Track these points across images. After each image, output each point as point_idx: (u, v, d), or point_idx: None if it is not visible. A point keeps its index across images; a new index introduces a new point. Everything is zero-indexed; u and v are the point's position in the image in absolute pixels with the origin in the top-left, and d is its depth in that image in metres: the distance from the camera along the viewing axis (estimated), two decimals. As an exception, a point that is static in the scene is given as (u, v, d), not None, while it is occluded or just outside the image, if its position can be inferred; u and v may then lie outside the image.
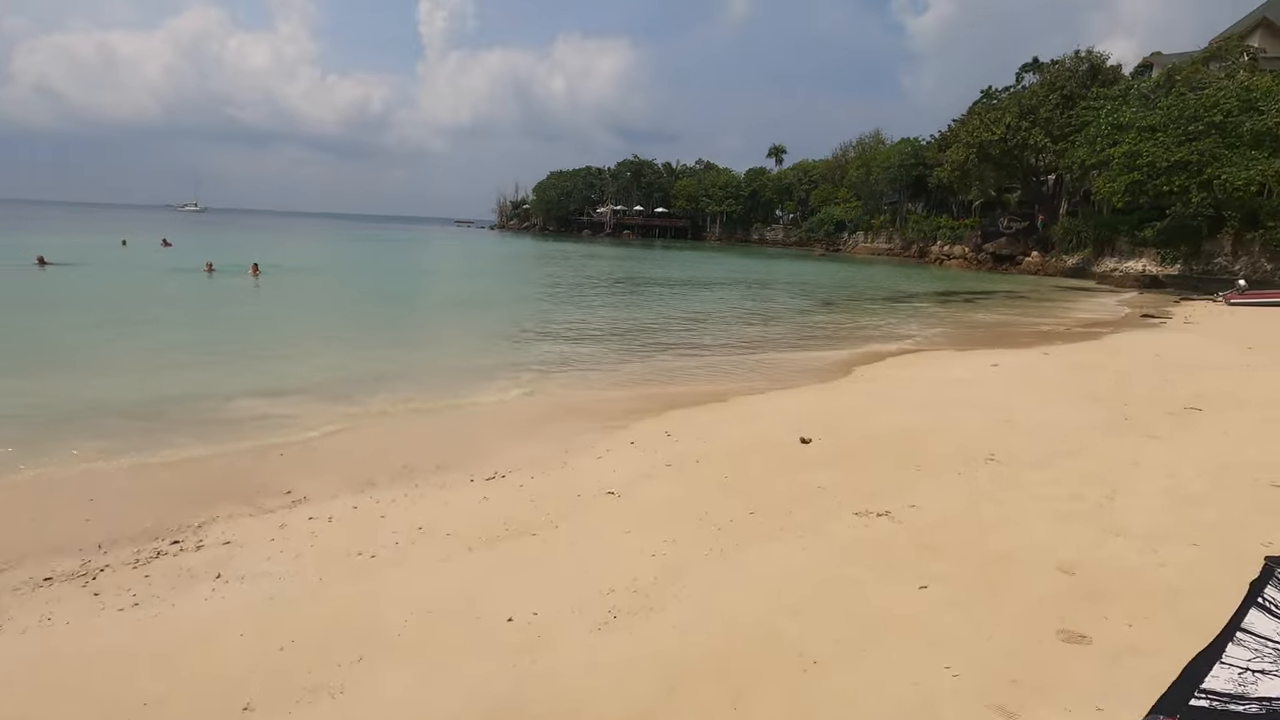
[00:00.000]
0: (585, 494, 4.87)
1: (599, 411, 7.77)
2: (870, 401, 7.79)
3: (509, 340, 13.08)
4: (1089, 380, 8.84)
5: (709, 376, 10.30)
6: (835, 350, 13.20)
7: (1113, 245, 40.75)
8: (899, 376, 9.78)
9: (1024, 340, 14.44)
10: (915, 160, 61.74)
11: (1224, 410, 6.92)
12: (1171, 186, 30.78)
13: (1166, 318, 18.53)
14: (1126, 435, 5.97)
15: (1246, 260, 33.09)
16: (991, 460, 5.28)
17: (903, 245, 63.95)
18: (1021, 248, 49.27)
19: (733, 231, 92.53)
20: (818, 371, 10.66)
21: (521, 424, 7.28)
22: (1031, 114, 44.52)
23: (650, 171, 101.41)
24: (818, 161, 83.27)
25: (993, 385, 8.66)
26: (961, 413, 7.05)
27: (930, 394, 8.16)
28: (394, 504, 4.79)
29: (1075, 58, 45.95)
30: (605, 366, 10.81)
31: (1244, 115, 29.23)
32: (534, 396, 8.63)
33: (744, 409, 7.66)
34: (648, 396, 8.74)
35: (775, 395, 8.48)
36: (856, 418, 6.98)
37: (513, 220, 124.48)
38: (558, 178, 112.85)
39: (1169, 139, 30.93)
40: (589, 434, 6.71)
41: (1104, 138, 37.21)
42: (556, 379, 9.74)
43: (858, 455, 5.57)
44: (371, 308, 18.19)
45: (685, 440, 6.26)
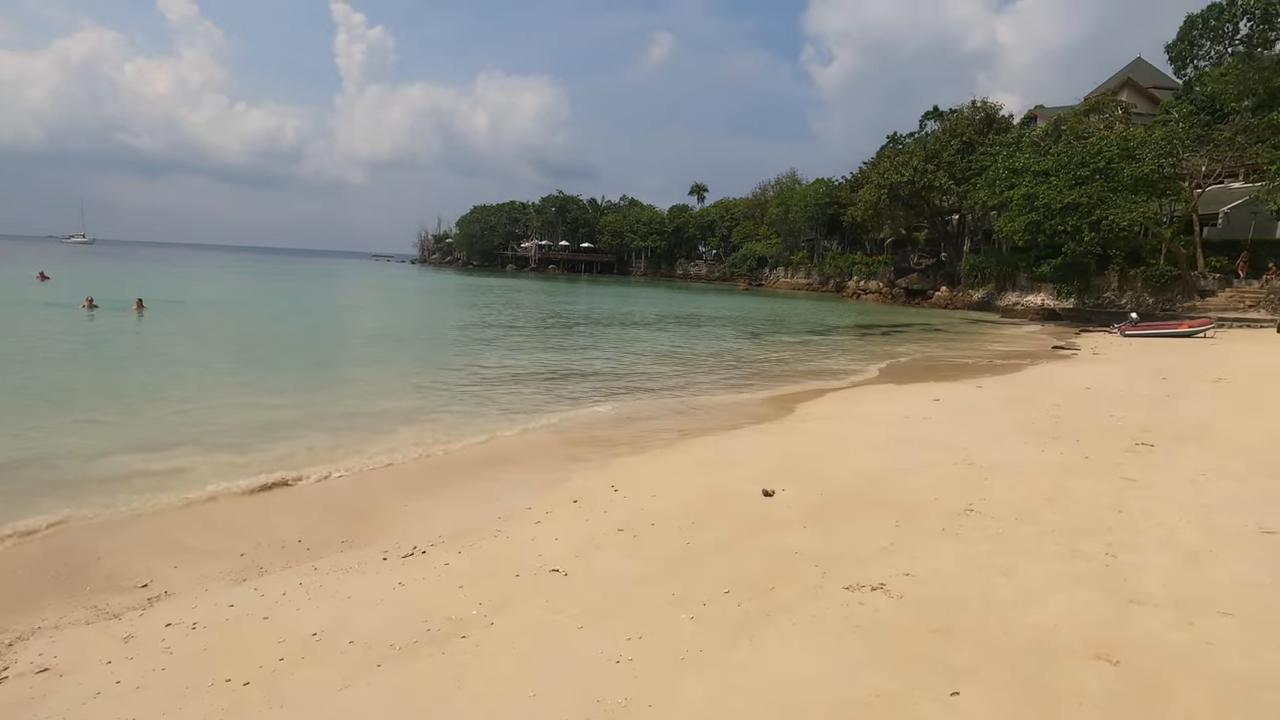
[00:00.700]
0: (525, 572, 4.07)
1: (535, 462, 6.96)
2: (824, 444, 7.35)
3: (428, 383, 12.04)
4: (1030, 414, 8.77)
5: (652, 419, 9.66)
6: (776, 387, 12.88)
7: (1014, 280, 43.45)
8: (846, 414, 9.45)
9: (955, 373, 14.63)
10: (830, 200, 64.51)
11: (1172, 444, 6.86)
12: (1065, 226, 33.05)
13: (1075, 349, 19.42)
14: (1094, 477, 5.71)
15: (1131, 295, 35.84)
16: (971, 511, 4.84)
17: (821, 280, 66.31)
18: (932, 283, 51.96)
19: (658, 267, 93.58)
20: (762, 411, 10.23)
21: (445, 481, 6.37)
22: (936, 158, 47.36)
23: (575, 207, 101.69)
24: (738, 200, 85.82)
25: (941, 422, 8.43)
26: (920, 454, 6.68)
27: (883, 433, 7.81)
28: (283, 599, 3.83)
29: (972, 107, 49.41)
30: (538, 410, 10.00)
31: (1124, 162, 31.87)
32: (459, 447, 7.72)
33: (694, 455, 7.05)
34: (588, 443, 8.00)
35: (724, 438, 7.92)
36: (815, 463, 6.49)
37: (434, 254, 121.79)
38: (481, 212, 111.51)
39: (1061, 183, 33.32)
40: (525, 490, 5.90)
41: (1002, 181, 39.85)
42: (484, 426, 8.85)
43: (828, 509, 5.02)
44: (271, 348, 16.62)
45: (635, 496, 5.55)
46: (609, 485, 5.89)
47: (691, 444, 7.69)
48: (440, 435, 8.25)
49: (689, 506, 5.23)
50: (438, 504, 5.64)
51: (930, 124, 52.98)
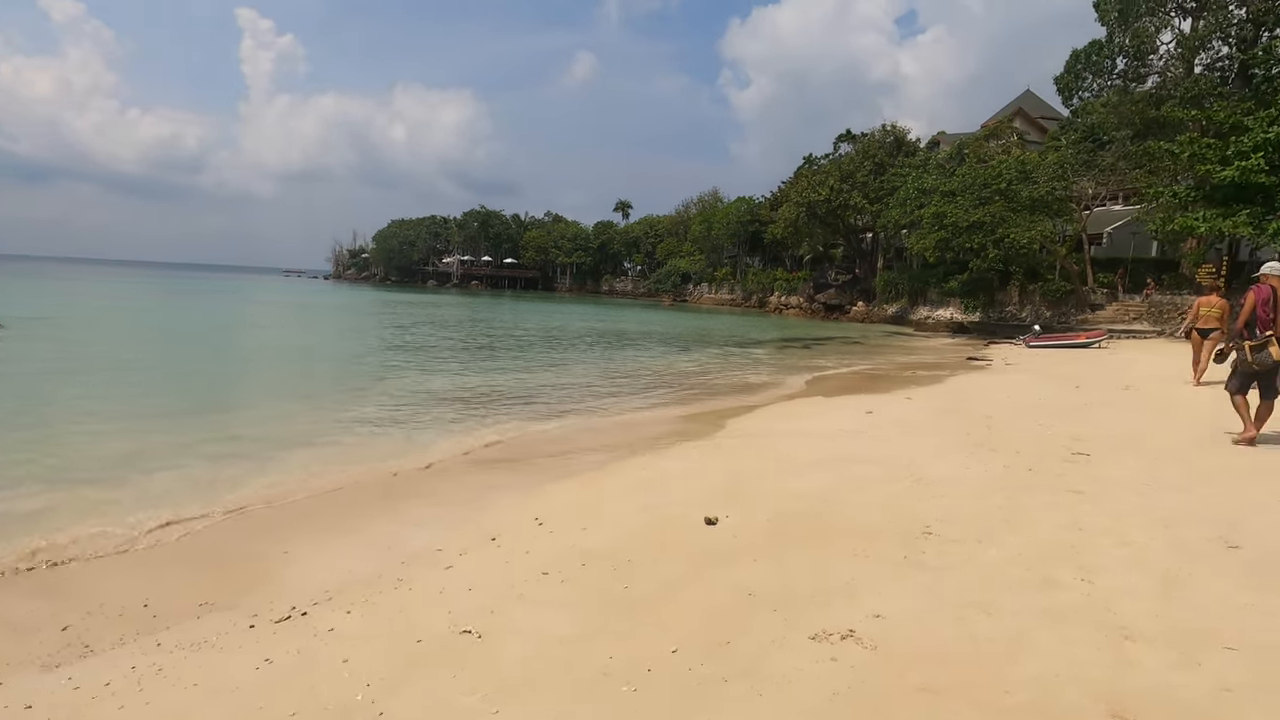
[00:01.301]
0: (431, 636, 3.34)
1: (448, 493, 6.17)
2: (763, 462, 6.91)
3: (331, 405, 10.93)
4: (964, 425, 8.68)
5: (580, 440, 9.00)
6: (706, 402, 12.49)
7: (925, 295, 45.50)
8: (781, 430, 9.10)
9: (881, 385, 14.71)
10: (751, 217, 66.03)
11: (1106, 453, 6.82)
12: (971, 244, 34.81)
13: (988, 360, 20.14)
14: (1043, 491, 5.49)
15: (1030, 308, 38.10)
16: (930, 534, 4.46)
17: (744, 296, 67.61)
18: (849, 298, 53.82)
19: (583, 283, 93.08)
20: (694, 428, 9.76)
21: (339, 519, 5.50)
22: (850, 178, 49.24)
23: (498, 222, 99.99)
24: (662, 217, 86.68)
25: (878, 436, 8.19)
26: (864, 470, 6.34)
27: (821, 449, 7.46)
28: (105, 693, 2.94)
29: (883, 130, 51.79)
30: (453, 434, 9.14)
31: (1021, 184, 33.93)
32: (359, 478, 6.81)
33: (627, 479, 6.45)
34: (509, 469, 7.26)
35: (658, 459, 7.36)
36: (756, 483, 6.02)
37: (350, 270, 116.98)
38: (400, 226, 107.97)
39: (966, 202, 35.14)
40: (434, 528, 5.12)
41: (912, 200, 41.79)
42: (390, 452, 7.94)
43: (778, 538, 4.53)
44: (150, 369, 14.89)
45: (563, 529, 4.89)
46: (533, 518, 5.20)
47: (623, 466, 7.09)
48: (338, 464, 7.30)
49: (624, 540, 4.62)
50: (328, 549, 4.78)
51: (844, 146, 55.19)
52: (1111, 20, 33.52)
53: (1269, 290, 6.83)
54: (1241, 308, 7.00)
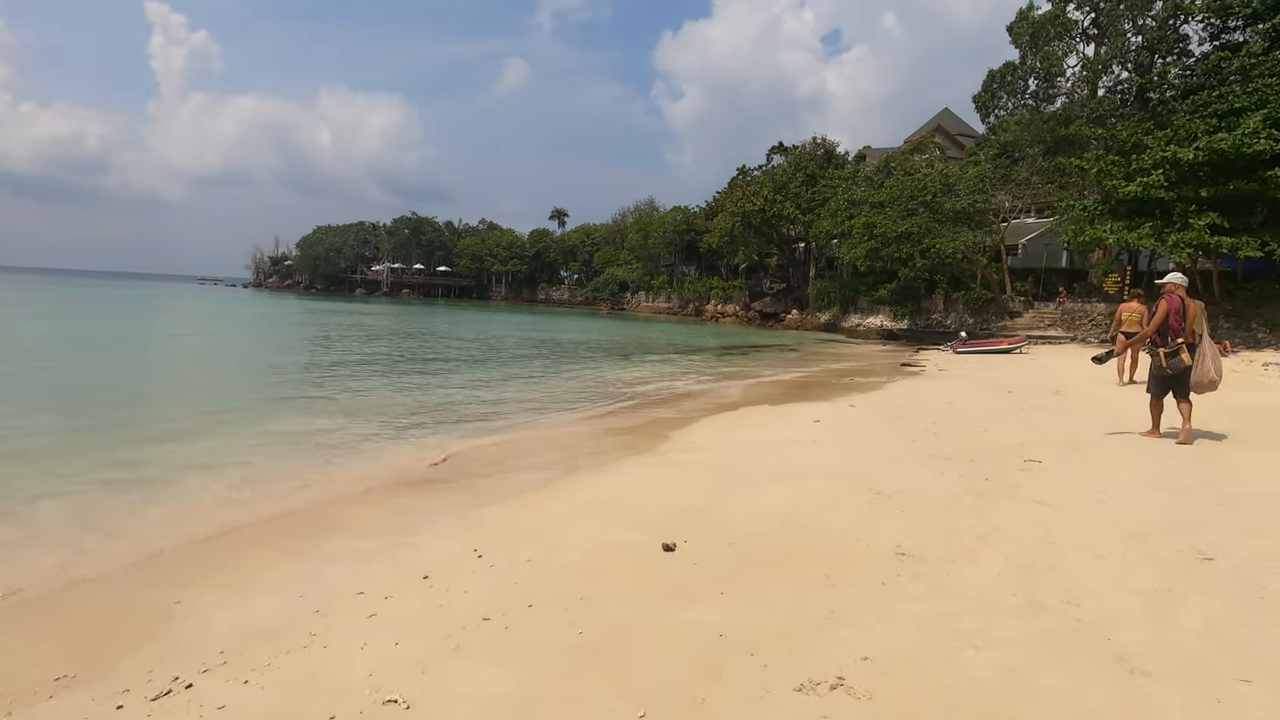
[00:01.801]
0: (347, 709, 2.77)
1: (373, 523, 5.53)
2: (717, 478, 6.56)
3: (240, 422, 9.96)
4: (912, 433, 8.61)
5: (518, 455, 8.44)
6: (649, 411, 12.12)
7: (856, 303, 46.80)
8: (730, 441, 8.80)
9: (823, 392, 14.72)
10: (687, 227, 66.59)
11: (1056, 460, 6.81)
12: (899, 254, 35.98)
13: (921, 367, 20.62)
14: (1005, 501, 5.35)
15: (954, 315, 39.69)
16: (903, 555, 4.18)
17: (680, 304, 68.05)
18: (783, 306, 54.91)
19: (519, 291, 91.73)
20: (639, 440, 9.35)
21: (242, 556, 4.79)
22: (783, 189, 50.27)
23: (431, 229, 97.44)
24: (599, 225, 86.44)
25: (830, 446, 7.99)
26: (823, 485, 6.07)
27: (775, 462, 7.18)
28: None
29: (814, 143, 53.16)
30: (379, 452, 8.42)
31: (945, 197, 35.33)
32: (268, 507, 6.06)
33: (572, 500, 5.96)
34: (443, 491, 6.65)
35: (605, 476, 6.90)
36: (712, 503, 5.65)
37: (272, 278, 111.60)
38: (326, 233, 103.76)
39: (894, 213, 36.33)
40: (356, 566, 4.50)
41: (842, 211, 42.99)
42: (305, 475, 7.18)
43: (744, 565, 4.15)
44: (32, 382, 13.35)
45: (505, 562, 4.37)
46: (470, 549, 4.65)
47: (568, 485, 6.60)
48: (247, 490, 6.51)
49: (575, 573, 4.14)
50: (229, 596, 4.10)
51: (776, 158, 56.38)
52: (1024, 44, 35.41)
53: (1179, 300, 7.31)
54: (1153, 316, 7.47)
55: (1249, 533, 4.47)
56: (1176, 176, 25.02)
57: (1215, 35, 29.78)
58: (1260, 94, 24.75)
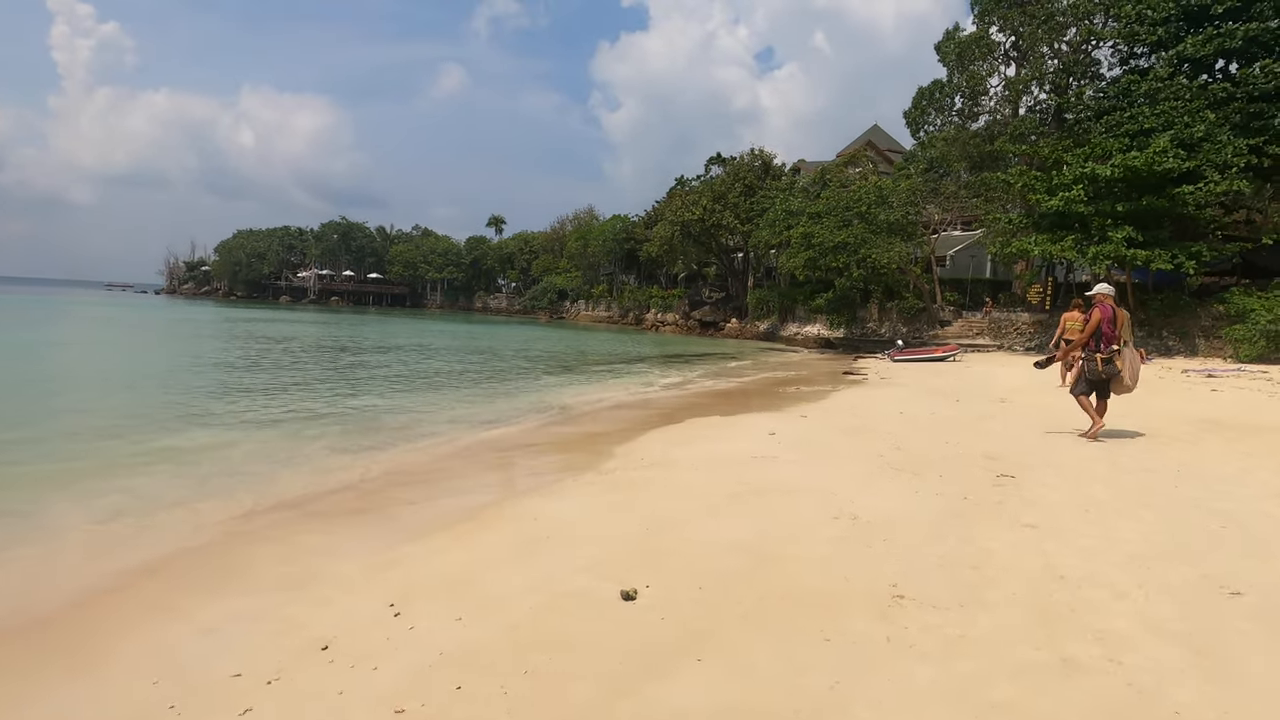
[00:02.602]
0: None
1: (266, 568, 4.56)
2: (673, 501, 5.88)
3: (121, 440, 8.63)
4: (876, 447, 8.19)
5: (446, 477, 7.54)
6: (590, 424, 11.36)
7: (793, 312, 47.37)
8: (681, 457, 8.16)
9: (770, 401, 14.32)
10: (626, 235, 66.20)
11: (1028, 474, 6.46)
12: (837, 263, 36.51)
13: (863, 375, 20.64)
14: (992, 525, 4.88)
15: (889, 324, 40.60)
16: (902, 598, 3.60)
17: (620, 313, 67.50)
18: (723, 315, 55.11)
19: (455, 299, 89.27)
20: (579, 456, 8.60)
21: (84, 625, 3.78)
22: (722, 199, 50.52)
23: (361, 235, 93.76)
24: (538, 233, 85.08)
25: (790, 461, 7.45)
26: (793, 508, 5.48)
27: (734, 480, 6.57)
28: None
29: (751, 154, 53.72)
30: (273, 476, 7.35)
31: (879, 208, 36.11)
32: (136, 546, 4.99)
33: (510, 532, 5.16)
34: (356, 522, 5.71)
35: (545, 501, 6.12)
36: (672, 532, 4.97)
37: (187, 284, 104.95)
38: (247, 237, 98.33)
39: (831, 224, 36.87)
40: (234, 634, 3.57)
41: (780, 221, 43.44)
42: (188, 505, 6.09)
43: (720, 617, 3.47)
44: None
45: (429, 621, 3.54)
46: (385, 604, 3.80)
47: (504, 513, 5.78)
48: (111, 528, 5.38)
49: (517, 637, 3.36)
50: (53, 689, 3.12)
51: (715, 168, 56.72)
52: (950, 63, 36.67)
53: (1110, 309, 7.83)
54: (1087, 324, 7.97)
55: (1258, 557, 4.13)
56: (1094, 192, 26.20)
57: (1124, 60, 31.54)
58: (1167, 115, 26.23)
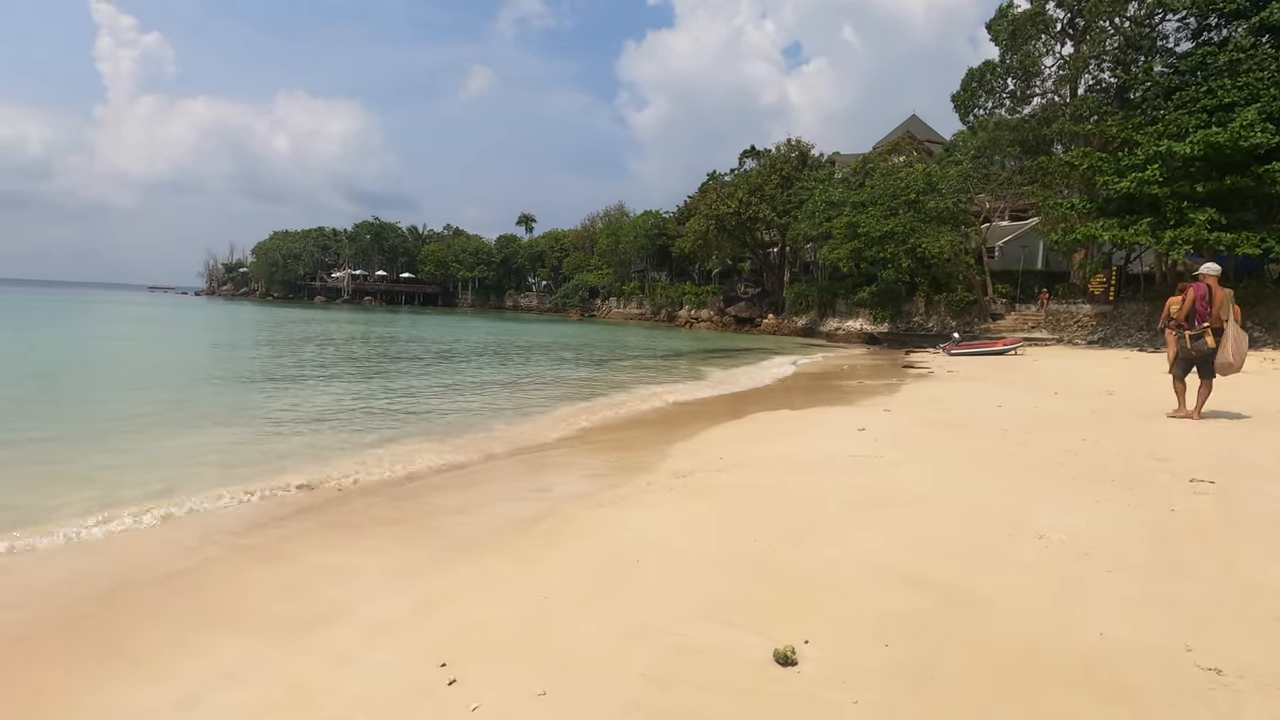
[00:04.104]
0: None
1: (269, 598, 3.51)
2: (777, 513, 4.71)
3: (153, 433, 7.74)
4: (989, 443, 6.91)
5: (495, 479, 6.47)
6: (644, 420, 10.22)
7: (833, 307, 45.62)
8: (761, 456, 6.97)
9: (836, 396, 13.03)
10: (659, 231, 64.95)
11: (1226, 478, 5.13)
12: (884, 254, 34.83)
13: (926, 369, 19.17)
14: (1247, 548, 3.60)
15: (936, 318, 38.70)
16: (1219, 675, 2.37)
17: (653, 310, 66.28)
18: (759, 311, 53.52)
19: (486, 298, 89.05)
20: (638, 455, 7.48)
21: (45, 669, 2.76)
22: (758, 191, 48.96)
23: (393, 235, 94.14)
24: (568, 231, 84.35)
25: (902, 462, 6.22)
26: (940, 524, 4.26)
27: (845, 485, 5.36)
28: None
29: (788, 145, 52.06)
30: (306, 473, 6.34)
31: (928, 196, 34.35)
32: (123, 555, 3.98)
33: (583, 550, 4.04)
34: (387, 535, 4.64)
35: (622, 511, 4.98)
36: (793, 553, 3.79)
37: (226, 285, 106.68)
38: (283, 238, 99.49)
39: (877, 213, 35.19)
40: (234, 694, 2.51)
41: (820, 213, 41.80)
42: (196, 503, 5.10)
43: (937, 701, 2.29)
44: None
45: (498, 686, 2.43)
46: (432, 662, 2.69)
47: (572, 525, 4.67)
48: (93, 530, 4.38)
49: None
50: None
51: (749, 161, 55.10)
52: (1003, 42, 34.73)
53: (1205, 287, 7.71)
54: (1183, 303, 7.82)
55: None
56: (1169, 172, 24.27)
57: (1196, 33, 29.40)
58: (1251, 88, 24.17)
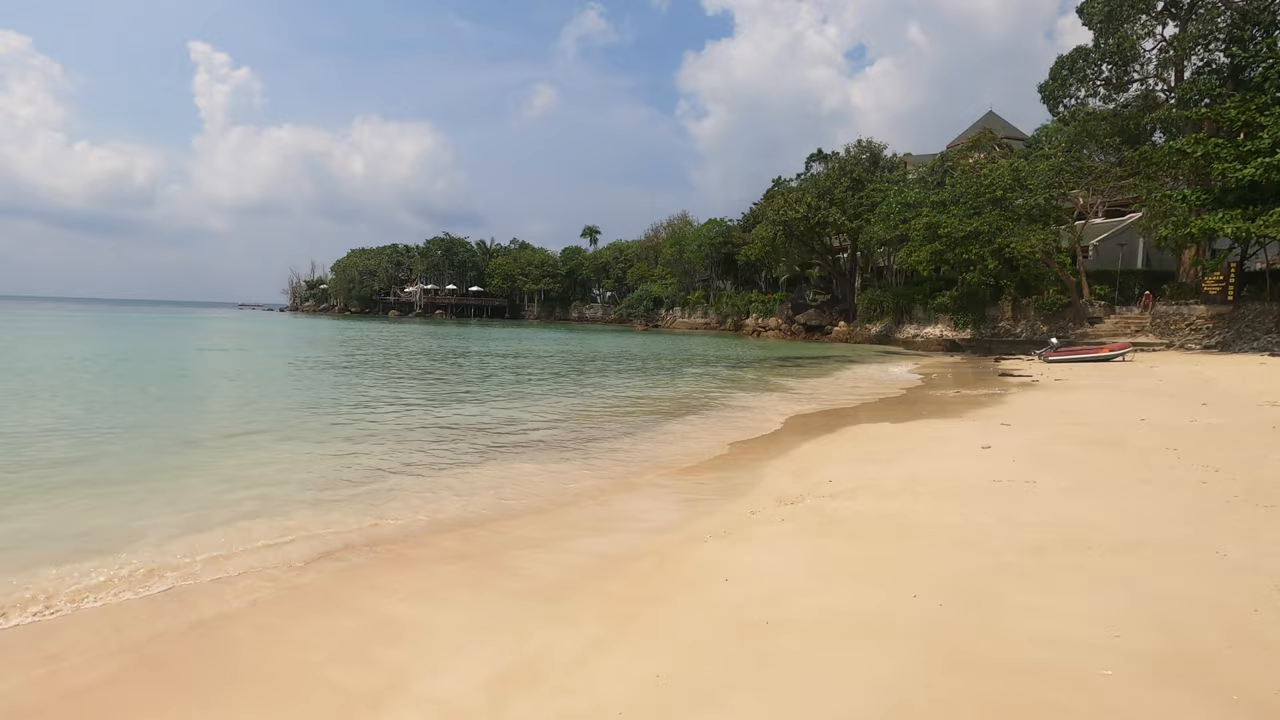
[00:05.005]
0: None
1: (322, 664, 2.99)
2: (934, 554, 3.90)
3: (208, 460, 7.56)
4: (1153, 466, 5.84)
5: (576, 504, 5.86)
6: (733, 434, 9.43)
7: (910, 313, 43.45)
8: (879, 478, 6.12)
9: (939, 407, 11.89)
10: (724, 239, 63.98)
11: None
12: (968, 255, 32.82)
13: (1028, 376, 17.62)
14: None
15: (1025, 323, 36.17)
16: None
17: (718, 319, 65.23)
18: (829, 318, 51.66)
19: (552, 310, 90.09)
20: (740, 477, 6.73)
21: None
22: (828, 195, 47.35)
23: (463, 250, 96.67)
24: (632, 241, 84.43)
25: (1065, 490, 5.26)
26: (1173, 590, 3.36)
27: (1003, 518, 4.49)
28: None
29: (858, 146, 50.26)
30: (377, 501, 5.91)
31: (1017, 192, 32.19)
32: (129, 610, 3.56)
33: (700, 609, 3.35)
34: (460, 572, 4.09)
35: (730, 549, 4.27)
36: (987, 641, 2.99)
37: (308, 302, 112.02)
38: (360, 255, 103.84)
39: (960, 212, 33.22)
40: None
41: (895, 215, 39.90)
42: (236, 540, 4.70)
43: None
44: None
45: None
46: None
47: (675, 569, 3.99)
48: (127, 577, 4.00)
49: None
50: None
51: (816, 166, 53.47)
52: (1097, 25, 32.34)
53: None
54: None
55: None
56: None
57: (1327, 3, 26.50)
58: (1399, 57, 21.48)
